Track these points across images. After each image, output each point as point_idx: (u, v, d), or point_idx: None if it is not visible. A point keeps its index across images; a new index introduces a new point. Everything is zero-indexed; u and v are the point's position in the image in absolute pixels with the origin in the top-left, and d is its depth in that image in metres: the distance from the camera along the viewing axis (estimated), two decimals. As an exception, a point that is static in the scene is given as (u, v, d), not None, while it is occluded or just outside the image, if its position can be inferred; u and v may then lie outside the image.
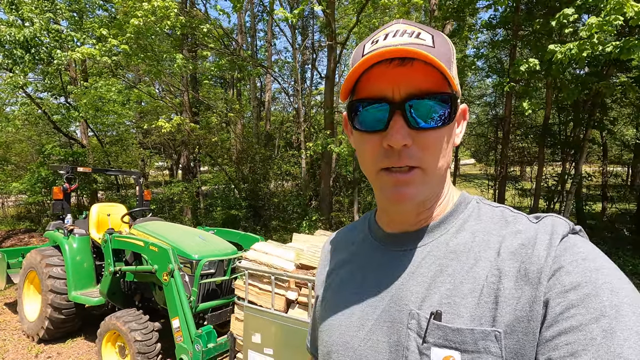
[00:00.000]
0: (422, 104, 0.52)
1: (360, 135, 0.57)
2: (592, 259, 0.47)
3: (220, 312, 3.43)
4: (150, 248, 3.31)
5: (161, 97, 11.12)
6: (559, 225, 0.52)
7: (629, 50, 3.65)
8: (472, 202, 0.62)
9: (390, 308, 0.57)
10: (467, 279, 0.52)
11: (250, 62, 8.80)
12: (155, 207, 10.45)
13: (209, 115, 10.92)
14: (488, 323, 0.48)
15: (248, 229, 9.58)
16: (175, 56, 6.93)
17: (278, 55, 17.83)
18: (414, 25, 0.56)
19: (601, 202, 12.32)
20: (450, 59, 0.54)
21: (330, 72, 8.98)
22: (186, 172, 11.96)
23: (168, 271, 3.08)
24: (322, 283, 0.75)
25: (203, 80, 11.82)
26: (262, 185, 10.51)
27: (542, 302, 0.46)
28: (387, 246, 0.64)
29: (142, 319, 3.37)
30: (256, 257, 2.64)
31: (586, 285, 0.45)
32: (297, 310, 2.36)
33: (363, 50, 0.55)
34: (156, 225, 4.03)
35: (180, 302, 3.01)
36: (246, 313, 2.51)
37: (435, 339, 0.51)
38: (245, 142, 11.33)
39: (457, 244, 0.57)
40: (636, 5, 3.39)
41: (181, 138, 10.92)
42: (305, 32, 15.26)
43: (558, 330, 0.44)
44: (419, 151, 0.53)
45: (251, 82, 13.86)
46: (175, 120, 7.49)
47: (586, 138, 7.83)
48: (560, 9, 5.90)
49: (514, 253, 0.51)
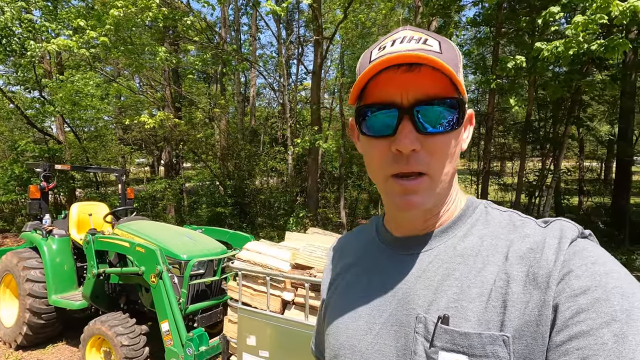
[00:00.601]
0: (430, 109, 0.52)
1: (368, 140, 0.57)
2: (602, 262, 0.47)
3: (210, 314, 3.34)
4: (137, 249, 3.18)
5: (142, 92, 10.77)
6: (567, 230, 0.52)
7: (613, 48, 3.74)
8: (479, 207, 0.62)
9: (397, 312, 0.58)
10: (475, 283, 0.52)
11: (236, 56, 8.61)
12: (137, 205, 10.16)
13: (192, 110, 10.65)
14: (496, 327, 0.48)
15: (234, 226, 9.44)
16: (157, 49, 6.69)
17: (262, 49, 17.57)
18: (420, 31, 0.56)
19: (578, 196, 12.77)
20: (457, 64, 0.55)
21: (317, 67, 8.89)
22: (169, 169, 11.66)
23: (156, 273, 2.97)
24: (328, 286, 0.75)
25: (187, 75, 11.51)
26: (248, 182, 10.36)
27: (552, 307, 0.45)
28: (394, 250, 0.64)
29: (129, 323, 3.25)
30: (250, 257, 2.57)
31: (596, 289, 0.44)
32: (294, 311, 2.31)
33: (370, 56, 0.56)
34: (142, 224, 3.89)
35: (170, 305, 2.91)
36: (240, 315, 2.45)
37: (442, 343, 0.51)
38: (230, 138, 11.12)
39: (465, 248, 0.57)
40: (621, 4, 3.46)
41: (163, 134, 10.62)
42: (290, 27, 15.09)
43: (568, 335, 0.43)
44: (427, 156, 0.53)
45: (236, 77, 13.61)
46: (159, 116, 7.26)
47: (566, 134, 8.05)
48: (542, 7, 6.01)
49: (522, 257, 0.51)
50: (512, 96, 5.31)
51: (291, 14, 14.08)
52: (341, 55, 13.71)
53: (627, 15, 3.46)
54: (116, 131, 14.15)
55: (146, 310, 3.64)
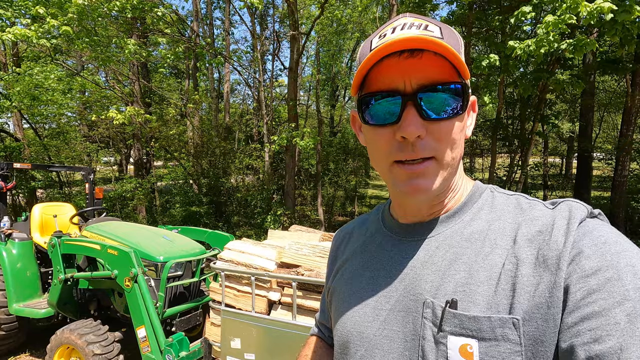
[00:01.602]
0: (434, 95, 0.51)
1: (371, 129, 0.56)
2: (613, 242, 0.46)
3: (189, 317, 3.21)
4: (109, 252, 2.99)
5: (109, 87, 10.23)
6: (576, 210, 0.51)
7: (582, 47, 3.91)
8: (486, 191, 0.62)
9: (404, 298, 0.57)
10: (484, 267, 0.51)
11: (209, 51, 8.34)
12: (105, 205, 9.67)
13: (163, 106, 10.24)
14: (505, 310, 0.47)
15: (210, 225, 9.19)
16: (125, 41, 6.34)
17: (237, 44, 17.19)
18: (421, 18, 0.55)
19: (543, 190, 13.44)
20: (459, 49, 0.54)
21: (294, 63, 8.79)
22: (139, 168, 11.16)
23: (130, 276, 2.81)
24: (333, 273, 0.74)
25: (158, 69, 11.05)
26: (223, 180, 10.11)
27: (562, 288, 0.45)
28: (400, 236, 0.63)
29: (101, 330, 3.06)
30: (232, 257, 2.48)
31: (607, 269, 0.43)
32: (281, 311, 2.25)
33: (371, 45, 0.55)
34: (113, 226, 3.67)
35: (146, 309, 2.75)
36: (224, 317, 2.35)
37: (451, 328, 0.50)
38: (204, 135, 10.80)
39: (472, 232, 0.56)
40: (589, 5, 3.61)
41: (132, 131, 10.14)
42: (264, 22, 14.84)
43: (580, 316, 0.43)
44: (433, 142, 0.52)
45: (209, 73, 13.22)
46: (129, 111, 6.91)
47: (533, 131, 8.41)
48: (511, 7, 6.21)
49: (531, 240, 0.50)
50: (487, 94, 5.45)
51: (266, 9, 13.84)
52: (317, 52, 13.65)
53: (594, 15, 3.62)
54: (80, 128, 13.39)
55: (119, 316, 3.45)
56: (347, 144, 14.18)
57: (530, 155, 9.88)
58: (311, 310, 2.15)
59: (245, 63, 13.11)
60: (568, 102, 12.10)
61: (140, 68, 10.92)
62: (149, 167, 11.92)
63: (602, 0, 3.52)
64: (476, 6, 7.47)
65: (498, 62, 4.91)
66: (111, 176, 12.77)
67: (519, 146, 9.10)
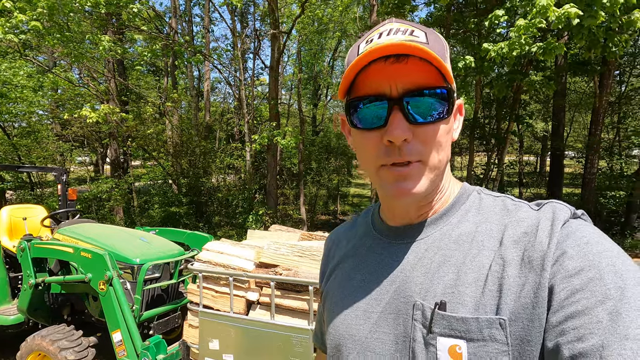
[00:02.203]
0: (420, 99, 0.52)
1: (359, 133, 0.57)
2: (595, 242, 0.47)
3: (167, 319, 3.16)
4: (82, 254, 2.91)
5: (83, 84, 9.89)
6: (559, 211, 0.52)
7: (551, 50, 4.07)
8: (473, 194, 0.63)
9: (394, 300, 0.58)
10: (471, 269, 0.52)
11: (188, 48, 8.20)
12: (80, 207, 9.35)
13: (141, 104, 9.98)
14: (492, 311, 0.48)
15: (190, 226, 9.04)
16: (100, 38, 6.15)
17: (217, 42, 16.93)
18: (407, 23, 0.56)
19: (518, 187, 13.89)
20: (444, 54, 0.55)
21: (274, 62, 8.75)
22: (115, 167, 10.84)
23: (105, 279, 2.74)
24: (325, 277, 0.75)
25: (135, 66, 10.75)
26: (203, 180, 9.96)
27: (547, 288, 0.46)
28: (390, 239, 0.64)
29: (74, 335, 2.98)
30: (210, 257, 2.46)
31: (589, 269, 0.45)
32: (259, 311, 2.25)
33: (358, 50, 0.56)
34: (87, 228, 3.57)
35: (122, 313, 2.70)
36: (201, 319, 2.33)
37: (440, 329, 0.51)
38: (184, 134, 10.60)
39: (460, 234, 0.57)
40: (557, 10, 3.77)
41: (108, 130, 9.84)
42: (245, 20, 14.69)
43: (564, 316, 0.44)
44: (419, 145, 0.53)
45: (188, 71, 12.97)
46: (103, 109, 6.70)
47: (509, 130, 8.68)
48: (487, 10, 6.39)
49: (516, 241, 0.51)
50: (463, 94, 5.59)
51: (246, 6, 13.69)
52: (298, 51, 13.62)
53: (562, 20, 3.77)
54: (53, 127, 12.89)
55: (94, 320, 3.36)
56: (330, 143, 14.23)
57: (506, 154, 10.19)
58: (289, 310, 2.16)
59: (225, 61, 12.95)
60: (541, 103, 12.54)
61: (116, 65, 10.61)
62: (126, 167, 11.60)
63: (569, 6, 3.68)
64: (454, 8, 7.64)
65: (473, 64, 5.04)
66: (86, 176, 12.35)
67: (495, 145, 9.37)
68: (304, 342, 2.05)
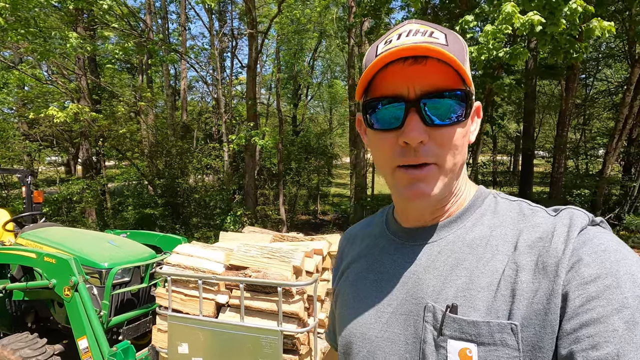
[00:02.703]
0: (437, 101, 0.52)
1: (375, 134, 0.57)
2: (613, 250, 0.47)
3: (138, 324, 3.10)
4: (46, 260, 2.81)
5: (52, 81, 9.51)
6: (577, 218, 0.52)
7: (516, 56, 4.23)
8: (489, 197, 0.62)
9: (406, 301, 0.58)
10: (484, 273, 0.52)
11: (163, 47, 8.02)
12: (49, 209, 8.99)
13: (113, 103, 9.69)
14: (505, 316, 0.48)
15: (166, 228, 8.86)
16: (68, 34, 5.94)
17: (194, 40, 16.62)
18: (427, 24, 0.56)
19: (492, 186, 14.36)
20: (463, 57, 0.54)
21: (252, 61, 8.69)
22: (88, 168, 10.48)
23: (70, 285, 2.66)
24: (338, 276, 0.75)
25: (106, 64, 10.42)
26: (180, 181, 9.77)
27: (561, 295, 0.46)
28: (403, 240, 0.64)
29: (38, 344, 2.87)
30: (180, 261, 2.43)
31: (606, 276, 0.44)
32: (229, 313, 2.24)
33: (377, 50, 0.55)
34: (52, 232, 3.45)
35: (88, 319, 2.63)
36: (170, 323, 2.30)
37: (451, 332, 0.51)
38: (159, 133, 10.37)
39: (474, 238, 0.57)
40: (522, 17, 3.93)
41: (80, 129, 9.50)
42: (223, 18, 14.49)
43: (579, 323, 0.43)
44: (435, 147, 0.53)
45: (164, 69, 12.69)
46: (71, 109, 6.47)
47: (482, 131, 8.95)
48: (460, 14, 6.58)
49: (531, 246, 0.51)
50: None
51: (224, 4, 13.52)
52: (277, 51, 13.57)
53: (526, 27, 3.94)
54: (19, 126, 12.33)
55: (60, 327, 3.25)
56: (309, 143, 14.25)
57: (480, 154, 10.51)
58: (259, 311, 2.17)
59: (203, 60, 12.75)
60: (514, 105, 13.02)
61: (88, 62, 10.26)
62: (99, 167, 11.24)
63: (532, 13, 3.84)
64: (430, 11, 7.82)
65: (445, 67, 5.17)
66: (56, 177, 11.88)
67: (469, 145, 9.63)
68: (273, 343, 2.06)
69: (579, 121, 12.22)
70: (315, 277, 2.19)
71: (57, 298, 2.99)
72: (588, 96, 12.20)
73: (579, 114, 12.02)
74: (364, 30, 9.14)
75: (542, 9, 4.05)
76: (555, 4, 4.04)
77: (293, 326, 2.10)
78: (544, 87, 14.66)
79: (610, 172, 8.82)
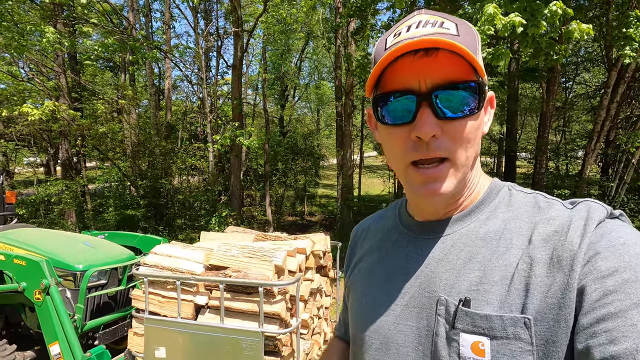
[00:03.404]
0: (449, 93, 0.51)
1: (387, 129, 0.56)
2: (632, 243, 0.46)
3: (114, 328, 2.99)
4: (15, 262, 2.68)
5: (28, 79, 9.19)
6: (595, 210, 0.50)
7: (499, 57, 4.29)
8: (503, 190, 0.61)
9: (419, 294, 0.58)
10: (498, 267, 0.52)
11: (145, 44, 7.85)
12: (25, 211, 8.67)
13: (94, 102, 9.42)
14: (518, 310, 0.48)
15: (149, 229, 8.65)
16: (44, 30, 5.74)
17: (178, 39, 16.37)
18: (437, 14, 0.55)
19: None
20: (475, 47, 0.53)
21: (237, 61, 8.59)
22: (67, 169, 10.16)
23: (41, 288, 2.54)
24: (351, 268, 0.76)
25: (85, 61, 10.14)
26: (164, 182, 9.57)
27: (576, 289, 0.45)
28: (416, 234, 0.64)
29: (7, 350, 2.75)
30: (157, 261, 2.35)
31: (625, 270, 0.43)
32: (208, 315, 2.17)
33: (385, 43, 0.55)
34: (23, 233, 3.30)
35: (61, 324, 2.51)
36: (147, 326, 2.21)
37: (464, 325, 0.51)
38: (142, 133, 10.13)
39: (488, 232, 0.56)
40: (504, 18, 3.98)
41: (59, 128, 9.20)
42: (208, 17, 14.32)
43: (596, 318, 0.42)
44: (448, 141, 0.52)
45: (147, 67, 12.43)
46: (47, 106, 6.26)
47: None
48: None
49: (546, 240, 0.50)
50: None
51: (209, 3, 13.35)
52: (263, 50, 13.48)
53: (507, 28, 3.99)
54: (-6, 124, 11.86)
55: (33, 332, 3.11)
56: (296, 144, 14.19)
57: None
58: (240, 312, 2.11)
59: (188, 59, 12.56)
60: (497, 106, 13.27)
61: (68, 59, 9.96)
62: (79, 168, 10.91)
63: (514, 15, 3.89)
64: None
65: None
66: (33, 178, 11.48)
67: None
68: (254, 344, 2.01)
69: (559, 123, 12.53)
70: (298, 276, 2.14)
71: (27, 302, 2.86)
72: (568, 99, 12.53)
73: (559, 117, 12.33)
74: (350, 31, 9.15)
75: (523, 10, 4.12)
76: (536, 5, 4.11)
77: (275, 327, 2.05)
78: (525, 90, 15.00)
79: (589, 173, 9.06)
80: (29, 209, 8.96)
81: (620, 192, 9.27)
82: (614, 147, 9.45)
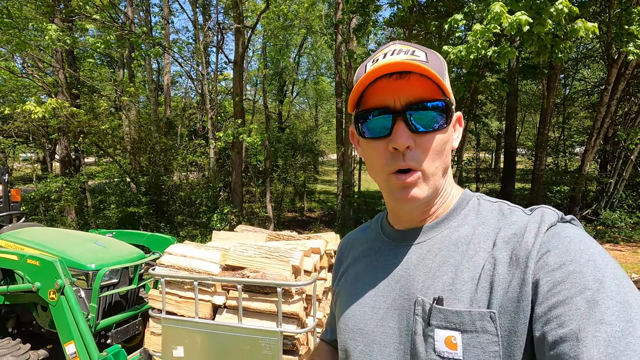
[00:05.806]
0: (421, 113, 0.59)
1: (367, 142, 0.63)
2: (578, 241, 0.52)
3: (127, 327, 3.01)
4: (29, 262, 2.68)
5: (27, 74, 9.09)
6: (547, 215, 0.57)
7: (504, 55, 4.31)
8: (472, 199, 0.68)
9: (399, 297, 0.64)
10: (468, 268, 0.58)
11: (145, 40, 7.78)
12: (25, 208, 8.63)
13: (93, 98, 9.34)
14: (484, 305, 0.53)
15: (150, 226, 8.64)
16: (45, 26, 5.67)
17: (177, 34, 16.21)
18: (409, 45, 0.63)
19: (475, 183, 14.66)
20: (442, 71, 0.61)
21: (239, 56, 8.55)
22: (66, 165, 10.10)
23: (56, 288, 2.55)
24: (338, 277, 0.82)
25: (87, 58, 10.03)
26: (164, 178, 9.54)
27: (531, 283, 0.51)
28: (396, 242, 0.70)
29: (21, 350, 2.76)
30: (174, 262, 2.36)
31: (570, 263, 0.49)
32: (226, 315, 2.20)
33: (365, 68, 0.62)
34: (34, 232, 3.30)
35: (76, 323, 2.53)
36: (165, 326, 2.24)
37: (437, 322, 0.56)
38: (142, 129, 10.07)
39: (459, 237, 0.62)
40: (510, 17, 3.99)
41: (57, 124, 9.13)
42: (207, 12, 14.19)
43: (548, 306, 0.48)
44: (420, 153, 0.59)
45: (147, 63, 12.33)
46: (50, 104, 6.21)
47: (466, 129, 9.10)
48: (447, 13, 6.65)
49: (507, 242, 0.57)
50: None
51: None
52: (264, 46, 13.40)
53: (514, 26, 4.00)
54: (-8, 121, 11.76)
55: (45, 331, 3.12)
56: (296, 140, 14.17)
57: (464, 151, 10.71)
58: (257, 312, 2.14)
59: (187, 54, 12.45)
60: (496, 103, 13.31)
61: (66, 55, 9.85)
62: (78, 164, 10.85)
63: (520, 13, 3.90)
64: (416, 9, 7.87)
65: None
66: (32, 175, 11.40)
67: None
68: (272, 344, 2.03)
69: (558, 120, 12.59)
70: (315, 276, 2.17)
71: (41, 302, 2.88)
72: (567, 96, 12.57)
73: (559, 113, 12.39)
74: (352, 27, 9.12)
75: (529, 9, 4.13)
76: (542, 4, 4.12)
77: (292, 327, 2.08)
78: (524, 87, 15.04)
79: (588, 169, 9.13)
80: (29, 206, 8.91)
81: (618, 189, 9.36)
82: (613, 144, 9.52)
